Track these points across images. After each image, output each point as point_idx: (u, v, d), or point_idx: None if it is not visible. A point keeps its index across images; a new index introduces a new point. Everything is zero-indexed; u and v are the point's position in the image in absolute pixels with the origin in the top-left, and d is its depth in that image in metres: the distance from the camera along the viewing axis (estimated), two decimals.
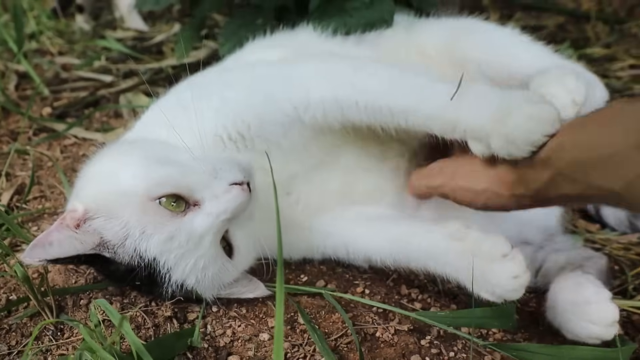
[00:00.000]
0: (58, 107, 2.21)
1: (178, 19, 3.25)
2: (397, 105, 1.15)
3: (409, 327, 1.18)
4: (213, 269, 1.12)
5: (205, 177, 1.09)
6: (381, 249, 1.25)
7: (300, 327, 1.15)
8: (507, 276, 1.07)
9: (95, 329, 1.06)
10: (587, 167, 0.90)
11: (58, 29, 3.16)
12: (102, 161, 1.17)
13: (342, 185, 1.33)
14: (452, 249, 1.15)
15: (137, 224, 1.05)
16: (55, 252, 1.04)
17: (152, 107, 1.36)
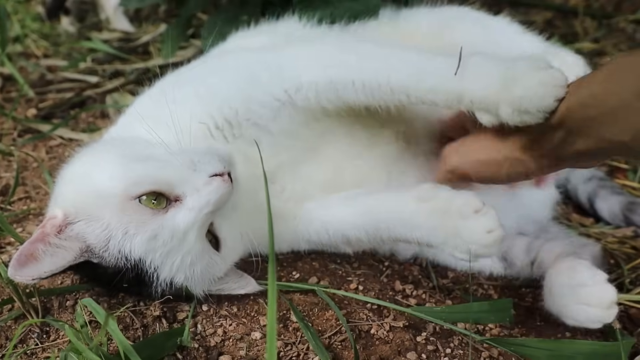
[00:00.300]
0: (43, 108, 2.17)
1: (164, 19, 3.21)
2: (398, 81, 1.12)
3: (404, 323, 1.15)
4: (201, 264, 1.09)
5: (184, 171, 1.06)
6: (354, 224, 1.22)
7: (293, 325, 1.13)
8: (481, 231, 1.06)
9: (82, 329, 1.03)
10: (596, 123, 0.91)
11: (43, 32, 3.12)
12: (78, 163, 1.14)
13: (329, 174, 1.30)
14: (422, 210, 1.13)
15: (118, 224, 1.03)
16: (47, 268, 1.01)
17: (133, 103, 1.33)
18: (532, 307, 1.29)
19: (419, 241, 1.15)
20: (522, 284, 1.37)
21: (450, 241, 1.09)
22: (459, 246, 1.09)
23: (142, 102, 1.30)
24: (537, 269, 1.33)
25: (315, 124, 1.26)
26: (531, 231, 1.40)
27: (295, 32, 1.48)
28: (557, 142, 0.99)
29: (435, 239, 1.12)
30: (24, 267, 0.99)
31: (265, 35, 1.49)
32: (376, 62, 1.16)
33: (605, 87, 0.90)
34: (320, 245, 1.31)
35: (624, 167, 1.82)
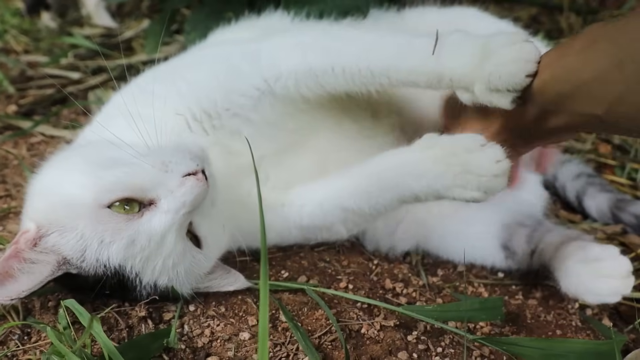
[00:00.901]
0: (24, 104, 2.13)
1: (147, 15, 3.17)
2: (378, 64, 1.11)
3: (395, 322, 1.14)
4: (184, 264, 1.06)
5: (155, 174, 1.03)
6: (355, 190, 1.19)
7: (283, 325, 1.10)
8: (490, 160, 1.04)
9: (64, 331, 1.00)
10: (569, 98, 0.92)
11: (23, 28, 3.07)
12: (46, 173, 1.11)
13: (313, 165, 1.29)
14: (427, 156, 1.10)
15: (93, 234, 0.99)
16: (25, 286, 0.98)
17: (108, 102, 1.31)
18: (522, 305, 1.28)
19: (426, 191, 1.11)
20: (512, 282, 1.36)
21: (459, 180, 1.06)
22: (468, 183, 1.05)
23: (116, 100, 1.27)
24: (537, 258, 1.32)
25: (300, 115, 1.25)
26: (529, 224, 1.39)
27: (280, 26, 1.46)
28: (531, 119, 1.00)
29: (444, 182, 1.08)
30: (1, 287, 0.96)
31: (247, 31, 1.46)
32: (355, 46, 1.16)
33: (580, 59, 0.89)
34: (311, 230, 1.28)
35: (612, 164, 1.82)
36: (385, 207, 1.18)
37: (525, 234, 1.36)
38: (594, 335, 1.21)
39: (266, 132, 1.23)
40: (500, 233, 1.38)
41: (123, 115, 1.14)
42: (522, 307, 1.27)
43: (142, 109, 1.13)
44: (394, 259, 1.40)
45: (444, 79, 1.06)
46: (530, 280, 1.36)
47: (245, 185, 1.24)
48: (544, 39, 2.81)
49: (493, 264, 1.39)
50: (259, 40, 1.27)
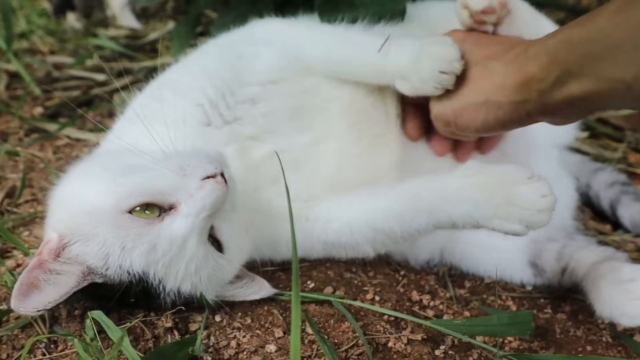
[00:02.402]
0: (50, 106, 2.14)
1: (172, 17, 3.19)
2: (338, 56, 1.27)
3: (422, 336, 1.12)
4: (207, 269, 1.06)
5: (174, 178, 1.03)
6: (389, 211, 1.17)
7: (309, 338, 1.09)
8: (536, 195, 1.02)
9: (91, 342, 1.00)
10: (597, 59, 0.86)
11: (49, 28, 3.09)
12: (67, 184, 1.11)
13: (333, 172, 1.28)
14: (470, 184, 1.08)
15: (114, 240, 1.00)
16: (51, 297, 0.97)
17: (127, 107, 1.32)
18: (551, 319, 1.26)
19: (464, 219, 1.09)
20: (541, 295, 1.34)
21: (501, 211, 1.04)
22: (510, 215, 1.03)
23: (132, 106, 1.28)
24: (569, 277, 1.30)
25: (314, 111, 1.29)
26: (559, 238, 1.36)
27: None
28: (549, 83, 0.94)
29: (485, 212, 1.06)
30: (27, 298, 0.96)
31: None
32: (328, 35, 1.32)
33: (614, 20, 0.84)
34: (336, 247, 1.27)
35: None
36: (418, 230, 1.16)
37: (556, 250, 1.33)
38: (626, 352, 1.18)
39: (281, 126, 1.26)
40: (528, 249, 1.36)
41: (139, 122, 1.15)
42: (551, 322, 1.25)
43: (159, 108, 1.16)
44: (421, 270, 1.38)
45: (386, 73, 1.20)
46: (559, 294, 1.34)
47: (265, 193, 1.24)
48: None
49: (520, 281, 1.37)
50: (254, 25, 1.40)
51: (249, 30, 1.37)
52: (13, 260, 1.28)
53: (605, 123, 2.13)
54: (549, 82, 0.94)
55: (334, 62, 1.28)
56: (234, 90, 1.24)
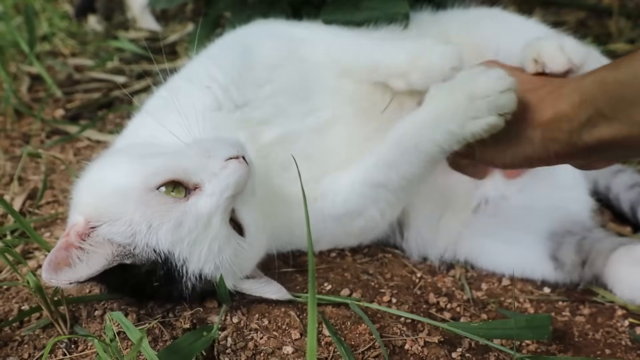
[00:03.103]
0: (71, 108, 2.17)
1: (191, 19, 3.20)
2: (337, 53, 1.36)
3: (439, 338, 1.12)
4: (229, 250, 1.09)
5: (199, 159, 1.08)
6: (379, 162, 1.23)
7: (326, 340, 1.10)
8: (491, 79, 1.04)
9: (111, 343, 1.01)
10: (630, 103, 0.84)
11: (70, 30, 3.12)
12: (94, 171, 1.14)
13: (342, 158, 1.32)
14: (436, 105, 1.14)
15: (142, 218, 1.02)
16: (84, 272, 0.99)
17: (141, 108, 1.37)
18: (569, 322, 1.25)
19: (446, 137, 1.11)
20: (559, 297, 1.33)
21: (470, 111, 1.06)
22: (478, 110, 1.05)
23: (149, 103, 1.36)
24: (589, 269, 1.31)
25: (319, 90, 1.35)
26: (578, 231, 1.37)
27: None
28: (579, 123, 0.92)
29: (458, 120, 1.08)
30: (58, 272, 0.98)
31: None
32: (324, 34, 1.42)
33: None
34: (346, 220, 1.30)
35: None
36: (413, 173, 1.20)
37: (574, 243, 1.34)
38: None
39: (287, 103, 1.32)
40: (548, 242, 1.37)
41: (162, 113, 1.21)
42: (570, 325, 1.24)
43: (175, 97, 1.20)
44: (438, 272, 1.38)
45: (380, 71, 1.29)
46: (578, 296, 1.33)
47: (277, 180, 1.28)
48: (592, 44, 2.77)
49: (542, 275, 1.37)
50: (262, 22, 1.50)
51: (254, 27, 1.45)
52: (35, 261, 1.31)
53: None
54: (579, 122, 0.92)
55: (333, 60, 1.36)
56: (243, 74, 1.31)
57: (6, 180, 1.67)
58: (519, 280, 1.38)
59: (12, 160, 1.79)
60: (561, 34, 1.45)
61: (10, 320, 1.13)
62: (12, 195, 1.58)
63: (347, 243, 1.40)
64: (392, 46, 1.31)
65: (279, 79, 1.33)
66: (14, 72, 2.43)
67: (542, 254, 1.36)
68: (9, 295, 1.21)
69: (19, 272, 1.17)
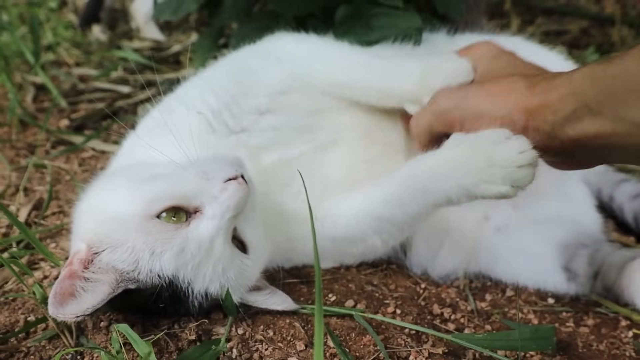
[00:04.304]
0: (75, 119, 2.19)
1: (195, 28, 3.23)
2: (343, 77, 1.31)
3: (444, 350, 1.12)
4: (233, 269, 1.09)
5: (197, 182, 1.07)
6: (387, 197, 1.21)
7: (330, 351, 1.10)
8: (515, 151, 1.03)
9: (117, 355, 1.01)
10: (618, 99, 0.84)
11: (74, 40, 3.15)
12: (92, 195, 1.14)
13: (344, 178, 1.31)
14: (454, 155, 1.11)
15: (144, 245, 1.02)
16: (89, 303, 0.99)
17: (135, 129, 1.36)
18: (573, 333, 1.25)
19: (456, 190, 1.11)
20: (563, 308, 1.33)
21: (485, 175, 1.06)
22: (493, 176, 1.05)
23: (143, 124, 1.34)
24: (601, 281, 1.31)
25: (324, 120, 1.32)
26: (590, 244, 1.38)
27: None
28: (564, 115, 0.92)
29: (471, 179, 1.08)
30: (64, 306, 0.97)
31: None
32: (335, 56, 1.36)
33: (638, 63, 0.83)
34: (345, 242, 1.29)
35: None
36: (418, 213, 1.19)
37: (587, 255, 1.34)
38: None
39: (290, 135, 1.30)
40: (561, 254, 1.37)
41: (156, 133, 1.21)
42: (574, 336, 1.24)
43: (169, 119, 1.21)
44: (442, 283, 1.39)
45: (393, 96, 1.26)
46: (582, 307, 1.33)
47: (276, 196, 1.28)
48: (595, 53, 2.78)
49: (555, 286, 1.37)
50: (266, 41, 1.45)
51: (261, 46, 1.42)
52: (40, 272, 1.31)
53: None
54: (564, 114, 0.92)
55: (340, 85, 1.32)
56: (239, 100, 1.28)
57: (12, 191, 1.68)
58: (523, 291, 1.39)
59: (18, 170, 1.80)
60: None
61: (17, 331, 1.13)
62: (17, 206, 1.59)
63: (347, 262, 1.39)
64: (404, 69, 1.28)
65: (281, 108, 1.31)
66: (18, 82, 2.44)
67: (555, 265, 1.37)
68: (15, 306, 1.22)
69: (25, 283, 1.17)
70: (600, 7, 3.54)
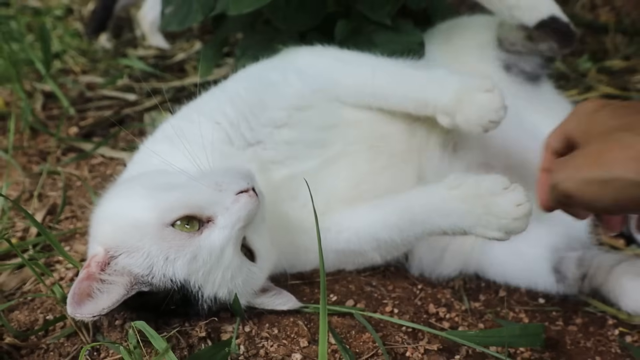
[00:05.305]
0: (84, 126, 2.24)
1: (199, 37, 3.28)
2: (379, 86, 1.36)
3: (439, 346, 1.19)
4: (241, 276, 1.15)
5: (210, 193, 1.13)
6: (388, 223, 1.28)
7: (332, 347, 1.16)
8: (511, 204, 1.12)
9: (134, 350, 1.08)
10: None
11: (81, 48, 3.20)
12: (109, 203, 1.20)
13: (348, 190, 1.37)
14: (453, 197, 1.19)
15: (158, 252, 1.08)
16: (105, 304, 1.05)
17: (148, 139, 1.41)
18: (562, 331, 1.32)
19: (453, 228, 1.20)
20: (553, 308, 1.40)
21: (482, 221, 1.15)
22: (490, 224, 1.14)
23: (164, 127, 1.39)
24: (588, 282, 1.38)
25: (333, 133, 1.37)
26: (578, 247, 1.45)
27: None
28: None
29: (468, 223, 1.17)
30: (81, 306, 1.04)
31: None
32: (363, 68, 1.40)
33: None
34: (346, 255, 1.37)
35: None
36: (416, 238, 1.28)
37: (576, 257, 1.41)
38: None
39: (300, 149, 1.35)
40: (551, 256, 1.44)
41: (173, 142, 1.25)
42: (562, 333, 1.31)
43: (187, 129, 1.25)
44: (437, 284, 1.45)
45: (429, 106, 1.31)
46: (571, 307, 1.40)
47: (283, 207, 1.33)
48: (589, 60, 2.84)
49: (544, 287, 1.44)
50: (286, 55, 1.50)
51: (280, 59, 1.47)
52: (57, 274, 1.38)
53: None
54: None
55: (372, 96, 1.37)
56: (257, 112, 1.33)
57: (26, 197, 1.75)
58: (515, 292, 1.45)
59: (31, 176, 1.86)
60: None
61: (36, 329, 1.20)
62: (32, 211, 1.65)
63: (347, 269, 1.45)
64: (440, 82, 1.32)
65: (297, 123, 1.35)
66: (28, 91, 2.50)
67: (545, 267, 1.43)
68: (34, 305, 1.28)
69: (44, 282, 1.24)
70: (595, 15, 3.59)
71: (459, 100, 1.26)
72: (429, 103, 1.30)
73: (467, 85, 1.27)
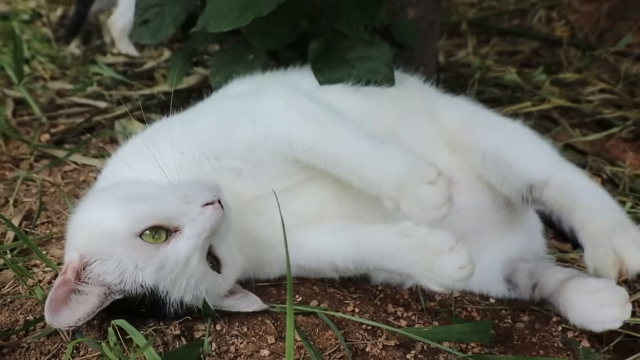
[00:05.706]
0: (55, 133, 2.29)
1: (167, 45, 3.32)
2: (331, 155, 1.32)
3: (396, 342, 1.29)
4: (205, 283, 1.23)
5: (178, 205, 1.20)
6: (344, 255, 1.38)
7: (297, 344, 1.25)
8: (454, 266, 1.22)
9: (114, 347, 1.16)
10: None
11: (50, 54, 3.22)
12: (84, 211, 1.27)
13: (314, 213, 1.44)
14: (403, 245, 1.28)
15: (128, 260, 1.15)
16: (80, 315, 1.12)
17: (119, 150, 1.47)
18: (510, 328, 1.42)
19: (400, 272, 1.32)
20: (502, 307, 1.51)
21: (427, 274, 1.25)
22: (433, 279, 1.24)
23: (136, 142, 1.45)
24: (538, 292, 1.48)
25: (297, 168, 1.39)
26: (531, 260, 1.55)
27: (305, 87, 1.57)
28: None
29: (414, 270, 1.28)
30: (58, 314, 1.11)
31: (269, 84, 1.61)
32: (324, 132, 1.35)
33: None
34: (307, 271, 1.46)
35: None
36: (369, 270, 1.39)
37: (528, 269, 1.51)
38: (574, 355, 1.34)
39: (267, 175, 1.39)
40: (504, 268, 1.55)
41: (145, 156, 1.30)
42: (511, 330, 1.42)
43: (157, 149, 1.29)
44: (396, 285, 1.55)
45: (373, 188, 1.28)
46: (519, 306, 1.51)
47: (249, 222, 1.39)
48: (543, 72, 2.97)
49: (496, 294, 1.55)
50: (258, 94, 1.46)
51: (251, 103, 1.44)
52: (35, 276, 1.43)
53: (571, 147, 2.30)
54: None
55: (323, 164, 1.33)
56: (220, 157, 1.37)
57: (1, 202, 1.80)
58: (468, 292, 1.56)
59: (4, 183, 1.91)
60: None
61: (17, 329, 1.26)
62: (9, 216, 1.70)
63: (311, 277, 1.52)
64: (388, 163, 1.28)
65: (259, 173, 1.38)
66: None
67: (498, 277, 1.54)
68: (14, 307, 1.34)
69: (26, 283, 1.30)
70: (550, 28, 3.75)
71: (401, 188, 1.24)
72: (374, 185, 1.28)
73: (411, 174, 1.24)
